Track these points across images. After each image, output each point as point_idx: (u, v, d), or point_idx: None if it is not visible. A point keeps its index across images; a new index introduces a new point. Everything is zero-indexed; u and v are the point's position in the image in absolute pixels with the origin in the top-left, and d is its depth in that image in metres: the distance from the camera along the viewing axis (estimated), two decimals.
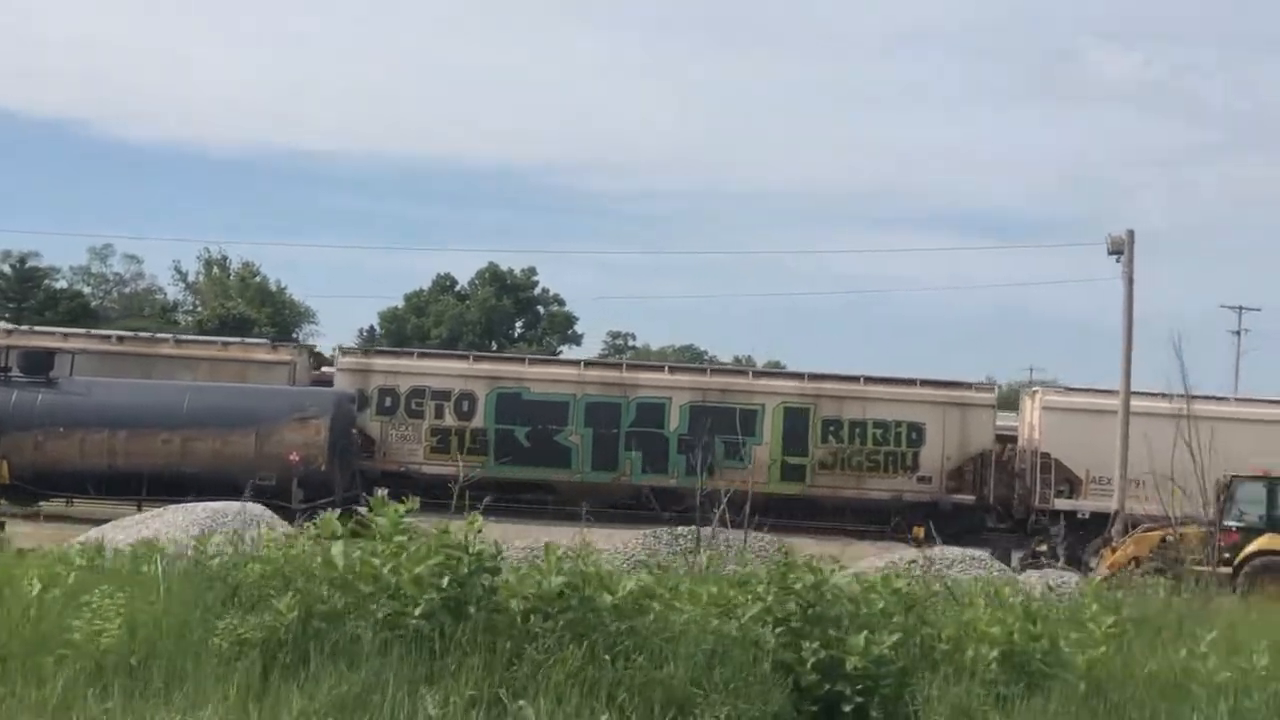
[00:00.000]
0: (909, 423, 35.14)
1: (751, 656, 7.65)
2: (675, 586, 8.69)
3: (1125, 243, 28.88)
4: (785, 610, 7.99)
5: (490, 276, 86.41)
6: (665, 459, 34.97)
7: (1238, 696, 7.76)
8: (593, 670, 7.29)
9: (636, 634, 7.63)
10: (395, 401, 34.56)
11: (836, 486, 35.00)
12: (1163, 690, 7.86)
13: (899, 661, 7.92)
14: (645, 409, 35.07)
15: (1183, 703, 7.75)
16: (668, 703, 7.25)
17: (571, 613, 7.57)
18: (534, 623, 7.57)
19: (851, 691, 7.71)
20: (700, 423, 34.89)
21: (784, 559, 8.62)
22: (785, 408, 35.17)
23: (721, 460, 35.22)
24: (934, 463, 35.06)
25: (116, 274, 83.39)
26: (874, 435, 35.20)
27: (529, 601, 7.66)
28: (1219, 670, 8.08)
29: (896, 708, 7.75)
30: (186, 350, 34.69)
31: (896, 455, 35.21)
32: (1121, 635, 8.45)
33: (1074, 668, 7.96)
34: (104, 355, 33.30)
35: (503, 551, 8.31)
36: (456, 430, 34.64)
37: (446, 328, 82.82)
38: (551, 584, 7.60)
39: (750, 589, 8.27)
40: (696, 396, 35.27)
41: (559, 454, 34.90)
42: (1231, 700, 7.70)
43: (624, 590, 7.78)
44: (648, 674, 7.32)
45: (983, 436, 35.18)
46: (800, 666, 7.81)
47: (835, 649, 7.83)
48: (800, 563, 8.51)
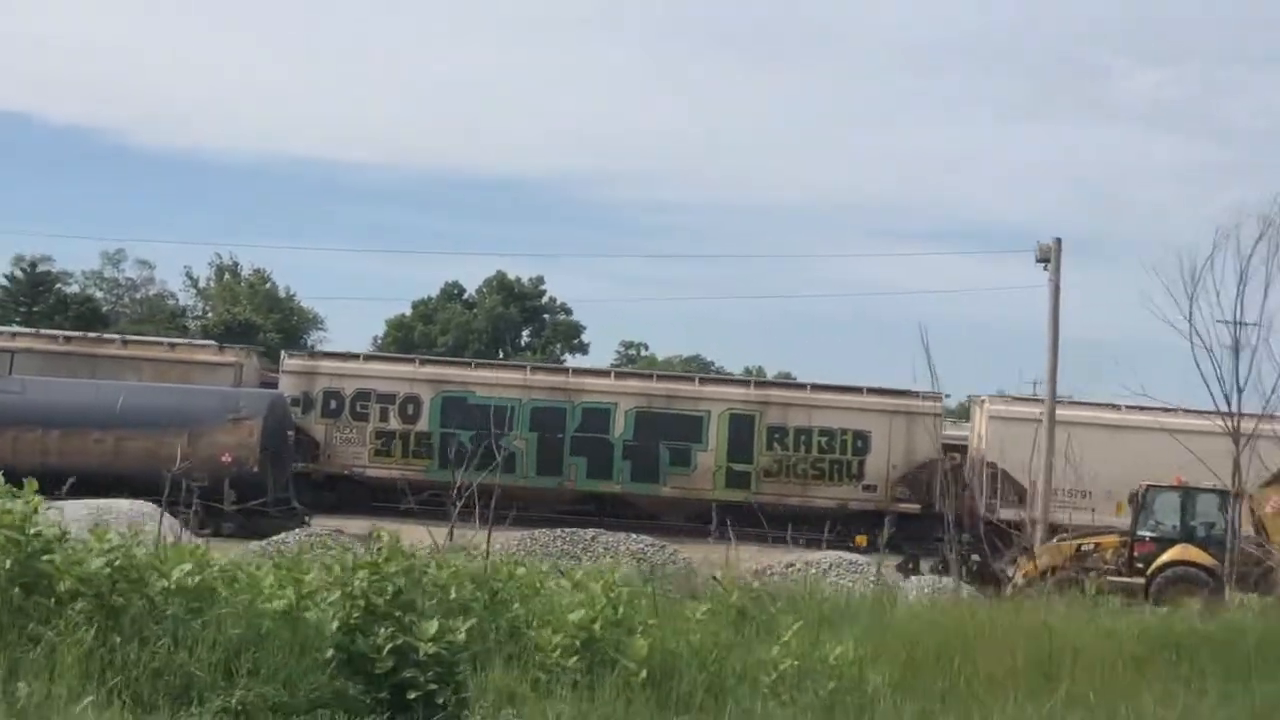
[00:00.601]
0: (855, 431, 35.05)
1: (304, 643, 7.65)
2: (252, 572, 8.70)
3: (1053, 251, 28.69)
4: (367, 597, 7.99)
5: (498, 285, 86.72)
6: (610, 465, 35.02)
7: (793, 683, 7.75)
8: (104, 653, 7.34)
9: (181, 620, 7.67)
10: (340, 404, 34.79)
11: (781, 494, 34.90)
12: (723, 679, 7.85)
13: (474, 648, 7.94)
14: (590, 414, 35.13)
15: (738, 688, 7.75)
16: (185, 687, 7.31)
17: (119, 596, 7.62)
18: (78, 605, 7.63)
19: (424, 678, 7.73)
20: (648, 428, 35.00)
21: (387, 545, 8.58)
22: (731, 414, 35.13)
23: (666, 466, 35.39)
24: (879, 471, 34.94)
25: (129, 279, 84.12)
26: (819, 443, 35.13)
27: (73, 583, 7.72)
28: (787, 659, 8.07)
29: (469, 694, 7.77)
30: (132, 351, 35.07)
31: (842, 463, 35.13)
32: (718, 624, 8.45)
33: (634, 654, 7.96)
34: (50, 355, 33.74)
35: (68, 535, 8.36)
36: (401, 434, 34.83)
37: (453, 336, 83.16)
38: (92, 566, 7.67)
39: (334, 574, 8.29)
40: (642, 402, 35.29)
41: (503, 459, 34.94)
42: (788, 686, 7.69)
43: (180, 573, 7.83)
44: (166, 658, 7.37)
45: (929, 445, 34.96)
46: (375, 653, 7.84)
47: (410, 635, 7.86)
48: (398, 548, 8.51)
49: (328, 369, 35.24)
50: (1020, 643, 8.96)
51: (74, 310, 74.48)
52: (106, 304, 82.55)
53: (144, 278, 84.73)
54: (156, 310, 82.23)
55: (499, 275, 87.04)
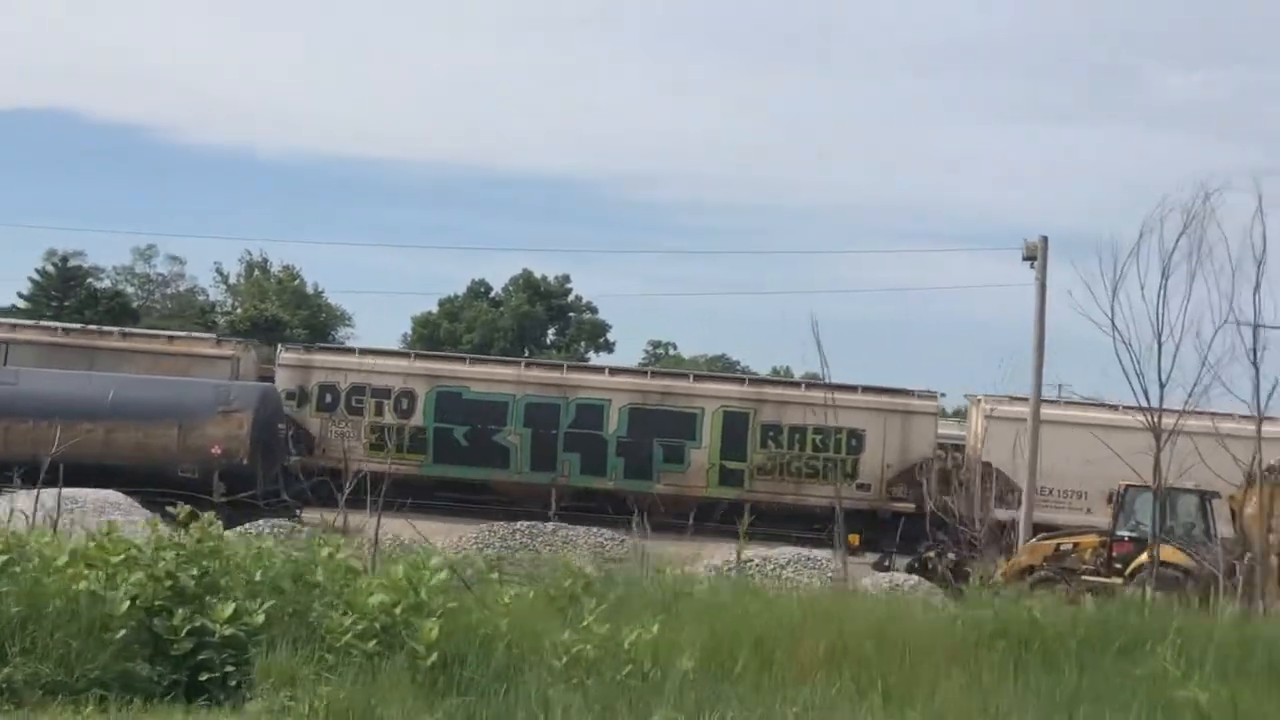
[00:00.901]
0: (849, 429, 34.82)
1: (94, 623, 7.69)
2: (44, 549, 8.76)
3: (1039, 249, 28.45)
4: (174, 578, 8.05)
5: (524, 283, 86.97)
6: (604, 461, 35.02)
7: (588, 667, 7.75)
8: None
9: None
10: (336, 398, 35.00)
11: (775, 492, 34.76)
12: (518, 663, 7.86)
13: (274, 631, 7.97)
14: (584, 410, 35.14)
15: (528, 672, 7.76)
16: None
17: None
18: None
19: (220, 660, 7.78)
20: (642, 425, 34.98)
21: (198, 526, 8.63)
22: (725, 412, 35.04)
23: (659, 463, 35.35)
24: (874, 470, 34.75)
25: (159, 275, 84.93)
26: (813, 441, 34.95)
27: None
28: (582, 643, 8.06)
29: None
30: (131, 344, 35.39)
31: (835, 462, 34.93)
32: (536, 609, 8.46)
33: (424, 637, 7.98)
34: (49, 347, 34.11)
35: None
36: (395, 428, 34.97)
37: (479, 334, 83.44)
38: None
39: (134, 556, 8.34)
40: (636, 399, 35.27)
41: (498, 454, 35.09)
42: (583, 670, 7.69)
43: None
44: None
45: (924, 445, 34.79)
46: (173, 635, 7.89)
47: (208, 617, 7.90)
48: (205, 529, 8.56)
49: (323, 363, 35.45)
50: (837, 631, 8.90)
51: (104, 305, 75.29)
52: (137, 299, 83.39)
53: (174, 273, 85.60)
54: (186, 306, 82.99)
55: (525, 273, 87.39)
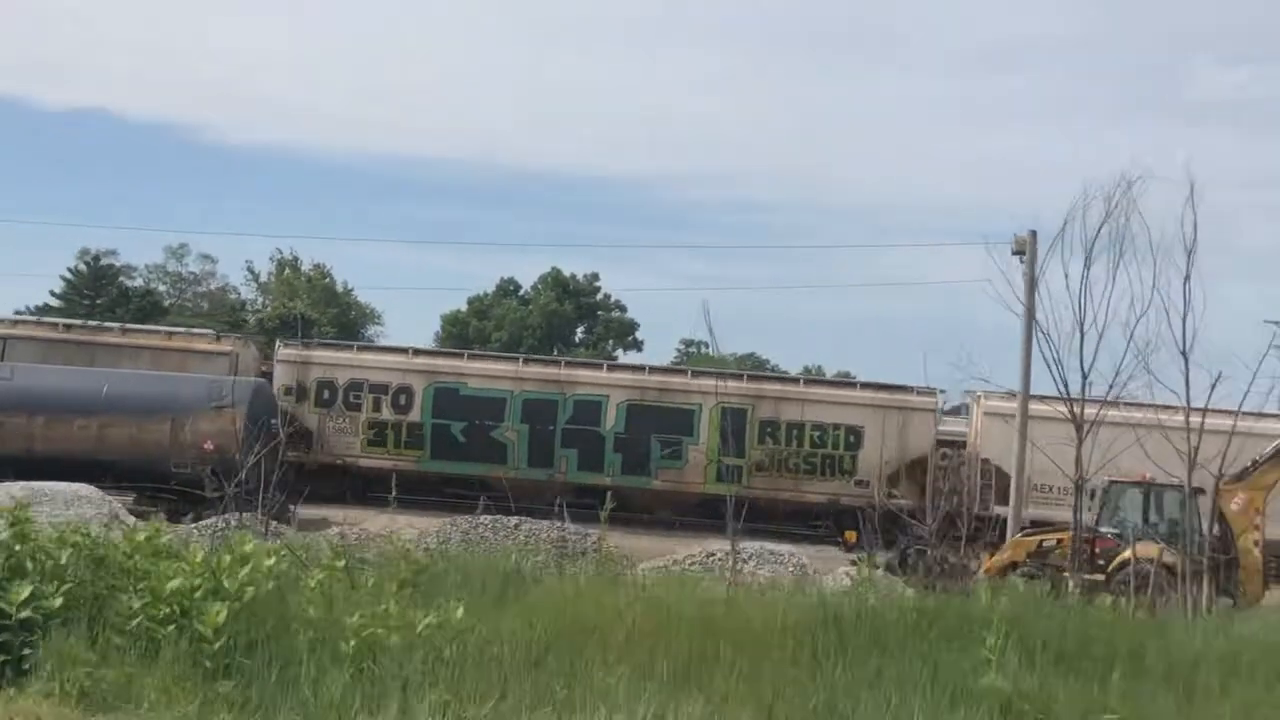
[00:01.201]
0: (847, 426, 34.63)
1: None
2: None
3: (1028, 243, 28.13)
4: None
5: (553, 281, 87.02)
6: (601, 457, 34.95)
7: (382, 650, 7.73)
8: None
9: None
10: (333, 394, 35.11)
11: (773, 489, 34.55)
12: (314, 645, 7.86)
13: (70, 614, 7.98)
14: (582, 406, 35.10)
15: (310, 657, 7.78)
16: None
17: None
18: None
19: (17, 642, 7.79)
20: (639, 421, 34.88)
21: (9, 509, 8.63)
22: (723, 408, 34.83)
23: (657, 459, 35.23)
24: (872, 466, 34.49)
25: (191, 273, 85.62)
26: (812, 437, 34.76)
27: None
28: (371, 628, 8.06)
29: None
30: (130, 339, 35.65)
31: (834, 458, 34.73)
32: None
33: (209, 621, 7.96)
34: (49, 343, 34.43)
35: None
36: (393, 424, 35.07)
37: (507, 332, 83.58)
38: None
39: None
40: (634, 395, 35.19)
41: (495, 450, 35.08)
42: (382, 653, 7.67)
43: None
44: None
45: (923, 441, 34.52)
46: None
47: (4, 600, 7.91)
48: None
49: (321, 359, 35.55)
50: (655, 618, 8.80)
51: (136, 303, 76.03)
52: (169, 298, 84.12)
53: (206, 272, 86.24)
54: (217, 304, 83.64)
55: (554, 272, 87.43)
